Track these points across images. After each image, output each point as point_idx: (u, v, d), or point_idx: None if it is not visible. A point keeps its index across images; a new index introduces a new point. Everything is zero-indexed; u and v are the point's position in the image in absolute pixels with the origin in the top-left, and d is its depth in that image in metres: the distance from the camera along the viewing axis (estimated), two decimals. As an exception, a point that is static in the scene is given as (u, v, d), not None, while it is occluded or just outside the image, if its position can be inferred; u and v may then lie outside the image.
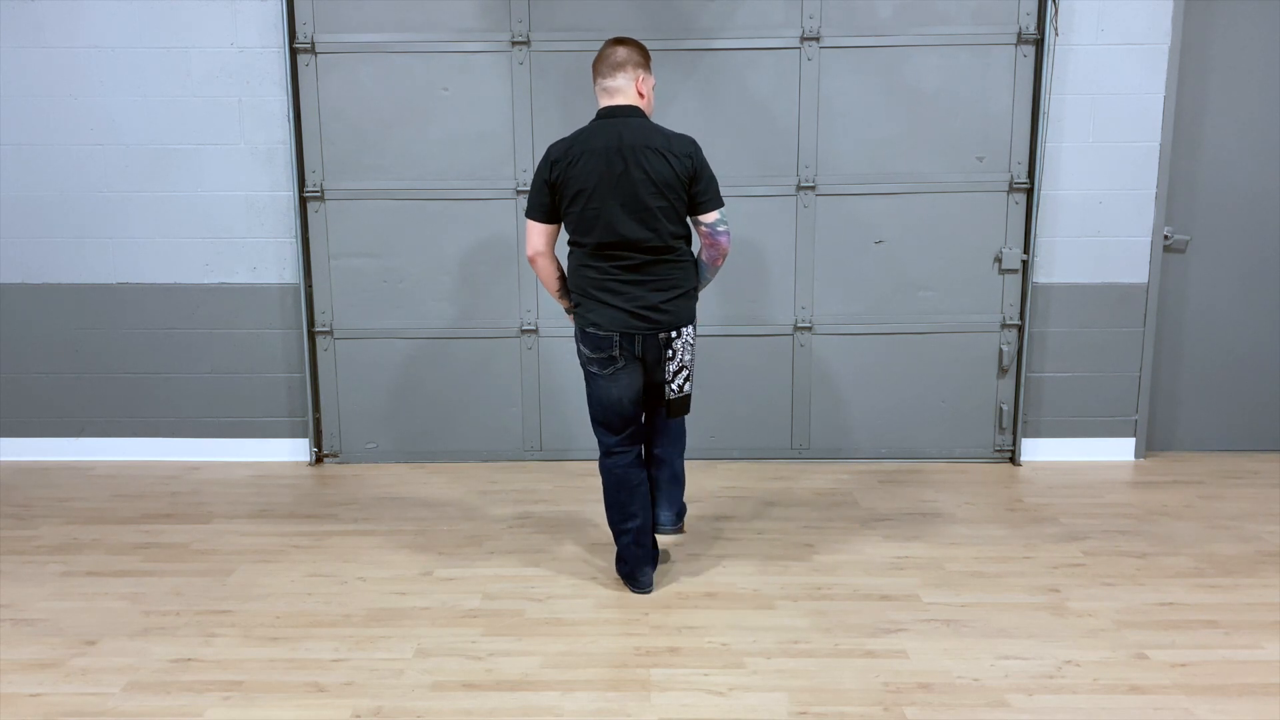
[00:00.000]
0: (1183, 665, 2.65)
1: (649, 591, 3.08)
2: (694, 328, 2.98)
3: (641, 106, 2.91)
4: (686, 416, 3.27)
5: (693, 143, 2.90)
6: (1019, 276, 4.25)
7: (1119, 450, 4.40)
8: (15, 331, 4.36)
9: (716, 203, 2.92)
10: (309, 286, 4.29)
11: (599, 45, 4.05)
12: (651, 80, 2.96)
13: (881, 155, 4.16)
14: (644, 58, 2.93)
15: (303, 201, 4.22)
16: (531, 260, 2.99)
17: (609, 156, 2.81)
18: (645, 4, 4.06)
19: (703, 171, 2.89)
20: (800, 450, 4.40)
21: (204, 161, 4.20)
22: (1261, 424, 4.47)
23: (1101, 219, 4.21)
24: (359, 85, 4.13)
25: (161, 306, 4.33)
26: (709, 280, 3.07)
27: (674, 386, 2.94)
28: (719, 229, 2.93)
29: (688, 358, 2.94)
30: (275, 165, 4.20)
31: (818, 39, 4.07)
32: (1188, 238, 4.32)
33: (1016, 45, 4.08)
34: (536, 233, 2.95)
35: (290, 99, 4.11)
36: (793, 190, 4.19)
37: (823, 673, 2.62)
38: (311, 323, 4.32)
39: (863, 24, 4.06)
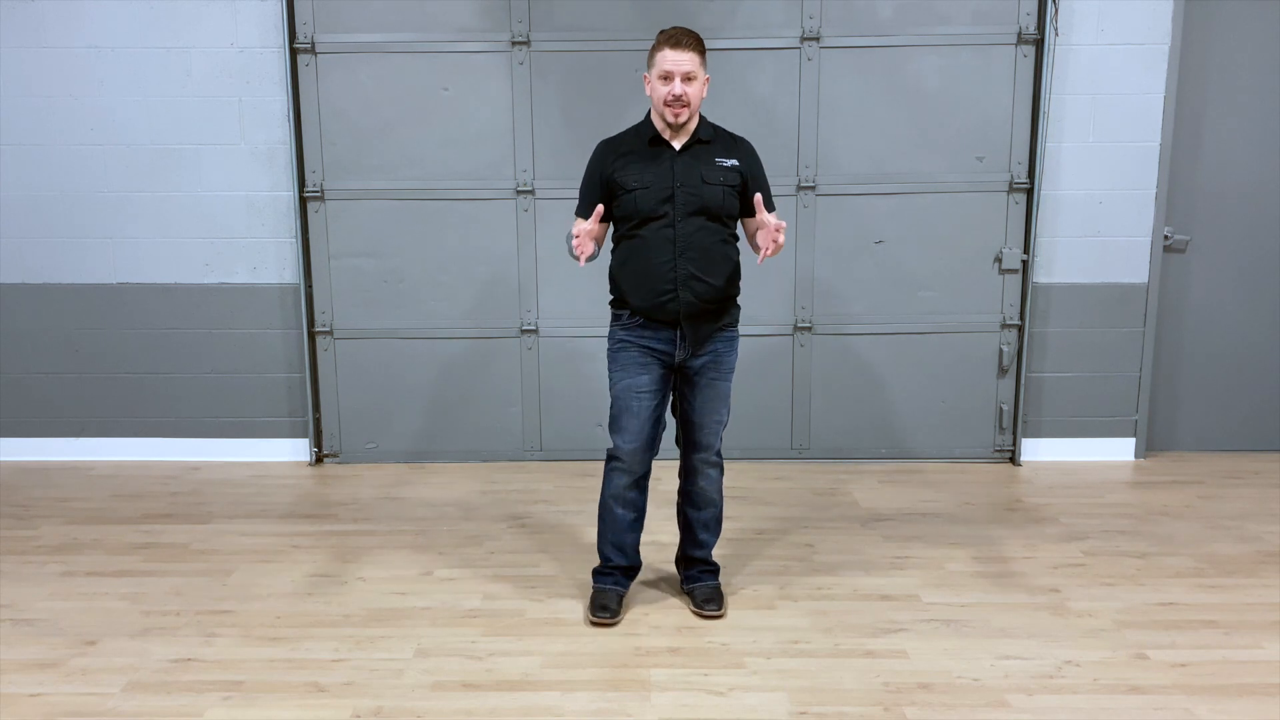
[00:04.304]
0: (1183, 665, 2.65)
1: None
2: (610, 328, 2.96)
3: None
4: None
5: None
6: (1019, 276, 4.25)
7: (1119, 450, 4.40)
8: (15, 331, 4.36)
9: None
10: (309, 286, 4.29)
11: (599, 45, 4.08)
12: (648, 78, 2.83)
13: (881, 155, 4.16)
14: (648, 57, 2.84)
15: (303, 201, 4.22)
16: None
17: None
18: (645, 4, 4.06)
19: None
20: (800, 450, 4.40)
21: (204, 161, 4.20)
22: (1261, 424, 4.47)
23: (1101, 219, 4.20)
24: (359, 85, 4.13)
25: (161, 306, 4.33)
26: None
27: None
28: None
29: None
30: (275, 165, 4.20)
31: (818, 39, 4.07)
32: (1188, 238, 4.32)
33: (1016, 45, 4.08)
34: None
35: (290, 99, 4.11)
36: (793, 190, 4.18)
37: (823, 673, 2.62)
38: (311, 323, 4.32)
39: (863, 24, 4.06)
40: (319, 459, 4.44)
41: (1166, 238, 4.28)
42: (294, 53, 4.10)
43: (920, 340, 4.30)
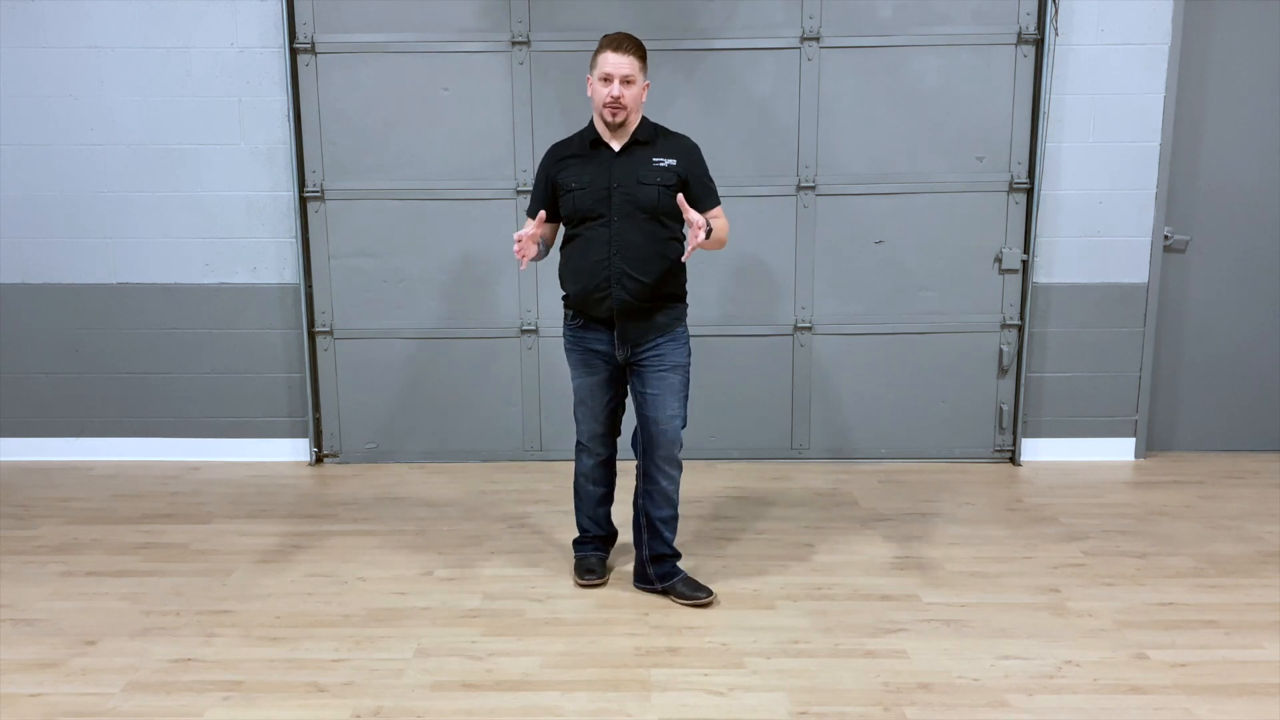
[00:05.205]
0: (1183, 665, 2.65)
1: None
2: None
3: None
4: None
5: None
6: (1019, 276, 4.25)
7: (1119, 450, 4.40)
8: (15, 331, 4.36)
9: None
10: (309, 286, 4.29)
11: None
12: (590, 80, 2.94)
13: (881, 155, 4.16)
14: (591, 59, 2.95)
15: (303, 201, 4.22)
16: None
17: None
18: (645, 4, 4.06)
19: None
20: (800, 450, 4.40)
21: (204, 161, 4.20)
22: (1261, 424, 4.47)
23: (1101, 219, 4.20)
24: (359, 85, 4.13)
25: (161, 306, 4.33)
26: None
27: None
28: None
29: None
30: (275, 165, 4.20)
31: (818, 39, 4.07)
32: (1188, 238, 4.32)
33: (1016, 45, 4.08)
34: None
35: (290, 99, 4.11)
36: (793, 190, 4.19)
37: (823, 673, 2.62)
38: (311, 323, 4.32)
39: (863, 24, 4.06)
40: (319, 459, 4.44)
41: (1166, 238, 4.28)
42: (294, 53, 4.10)
43: (920, 340, 4.30)
